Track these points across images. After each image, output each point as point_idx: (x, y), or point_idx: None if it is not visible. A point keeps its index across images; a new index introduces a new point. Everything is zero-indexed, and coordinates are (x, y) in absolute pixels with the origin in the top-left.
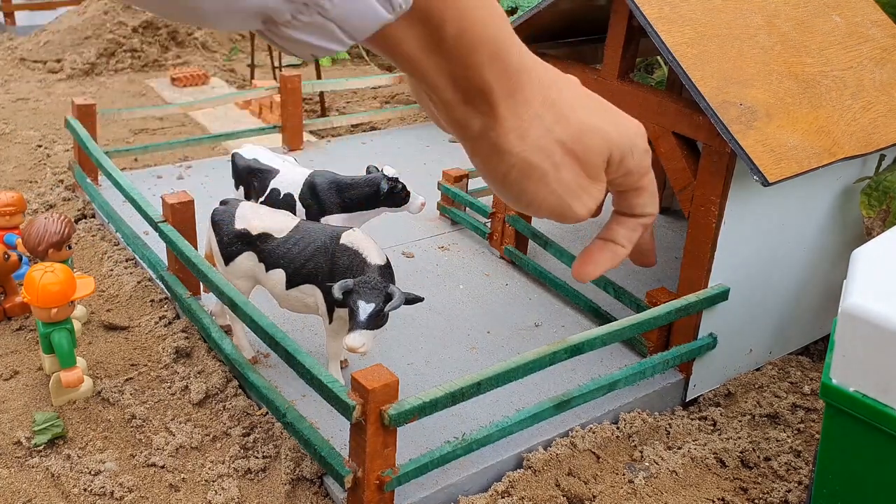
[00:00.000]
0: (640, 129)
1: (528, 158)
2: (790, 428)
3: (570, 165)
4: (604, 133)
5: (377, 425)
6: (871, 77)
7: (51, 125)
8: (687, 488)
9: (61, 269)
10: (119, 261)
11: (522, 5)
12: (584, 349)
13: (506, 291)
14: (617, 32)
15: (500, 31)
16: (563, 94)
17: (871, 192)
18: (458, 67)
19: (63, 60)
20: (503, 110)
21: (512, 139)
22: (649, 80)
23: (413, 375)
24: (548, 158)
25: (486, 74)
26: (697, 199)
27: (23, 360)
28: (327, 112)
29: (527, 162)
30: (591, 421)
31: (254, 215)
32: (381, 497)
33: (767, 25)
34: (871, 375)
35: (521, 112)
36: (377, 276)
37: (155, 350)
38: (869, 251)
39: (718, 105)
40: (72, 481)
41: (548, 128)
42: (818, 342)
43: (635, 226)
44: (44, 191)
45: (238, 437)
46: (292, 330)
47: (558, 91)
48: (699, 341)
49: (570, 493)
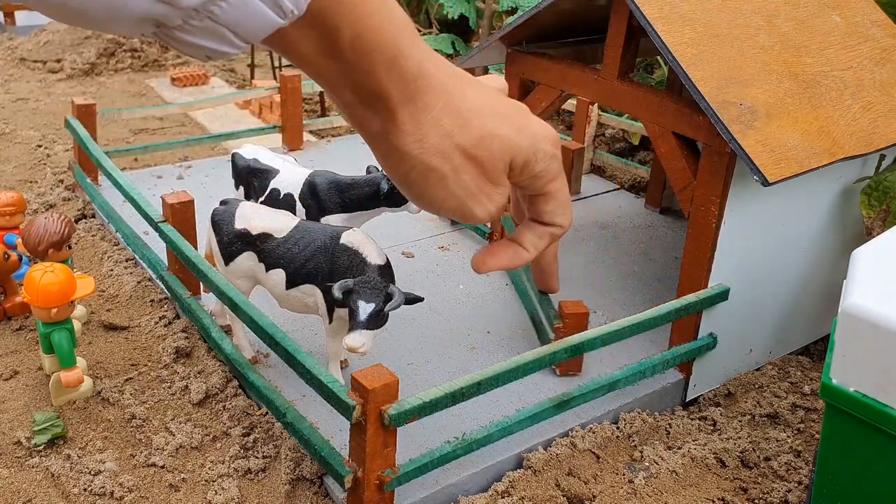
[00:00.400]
0: (547, 134)
1: (426, 162)
2: (790, 428)
3: (470, 170)
4: (505, 138)
5: (377, 425)
6: (871, 77)
7: (51, 125)
8: (687, 488)
9: (61, 269)
10: (119, 261)
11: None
12: (584, 349)
13: (506, 291)
14: (617, 32)
15: (398, 39)
16: (466, 100)
17: (871, 192)
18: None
19: (63, 60)
20: (402, 115)
21: (410, 143)
22: (649, 80)
23: (413, 375)
24: (447, 162)
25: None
26: (697, 199)
27: (23, 360)
28: (327, 112)
29: (425, 165)
30: (591, 421)
31: (254, 215)
32: (381, 497)
33: (767, 25)
34: (871, 375)
35: (421, 117)
36: (377, 276)
37: (155, 350)
38: (869, 251)
39: (718, 105)
40: (72, 481)
41: (448, 133)
42: (818, 342)
43: (543, 233)
44: (44, 191)
45: (238, 437)
46: (292, 330)
47: (461, 97)
48: (699, 341)
49: (570, 493)
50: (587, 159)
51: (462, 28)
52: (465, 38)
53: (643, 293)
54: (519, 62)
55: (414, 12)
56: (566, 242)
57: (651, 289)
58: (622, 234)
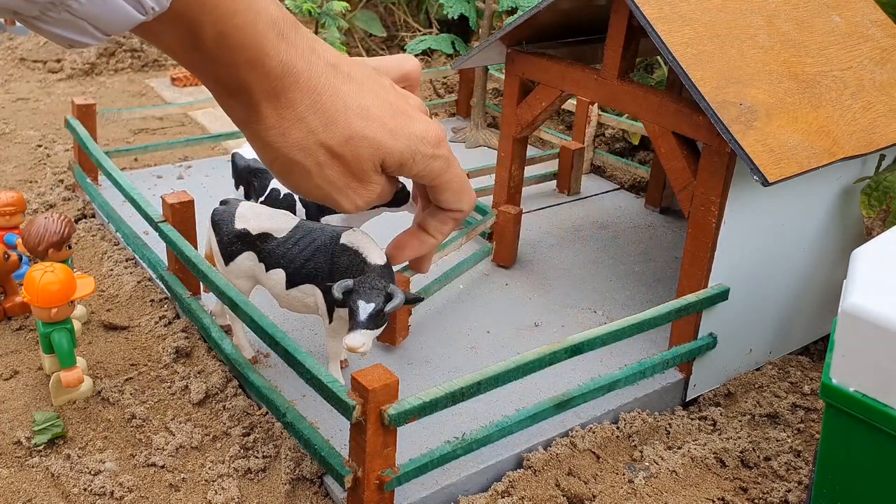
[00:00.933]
0: (426, 136)
1: (288, 155)
2: (790, 428)
3: (335, 167)
4: (374, 142)
5: (377, 425)
6: (871, 77)
7: (51, 125)
8: (687, 488)
9: (61, 269)
10: (119, 261)
11: (522, 5)
12: (584, 349)
13: (506, 291)
14: (617, 32)
15: (262, 39)
16: (337, 99)
17: (871, 192)
18: (217, 66)
19: (63, 60)
20: (265, 109)
21: (273, 135)
22: (649, 80)
23: (413, 375)
24: (310, 157)
25: (245, 76)
26: (697, 199)
27: (23, 360)
28: None
29: (287, 158)
30: (591, 421)
31: (254, 215)
32: (381, 497)
33: (767, 25)
34: (871, 375)
35: (284, 113)
36: (377, 276)
37: (155, 350)
38: (869, 251)
39: (718, 105)
40: (72, 481)
41: (312, 130)
42: (818, 342)
43: (445, 219)
44: (44, 191)
45: (238, 437)
46: (292, 330)
47: (332, 96)
48: (699, 341)
49: (570, 493)
50: (587, 159)
51: (462, 28)
52: (465, 38)
53: (643, 293)
54: (519, 62)
55: (414, 12)
56: (566, 242)
57: (651, 289)
58: (622, 234)
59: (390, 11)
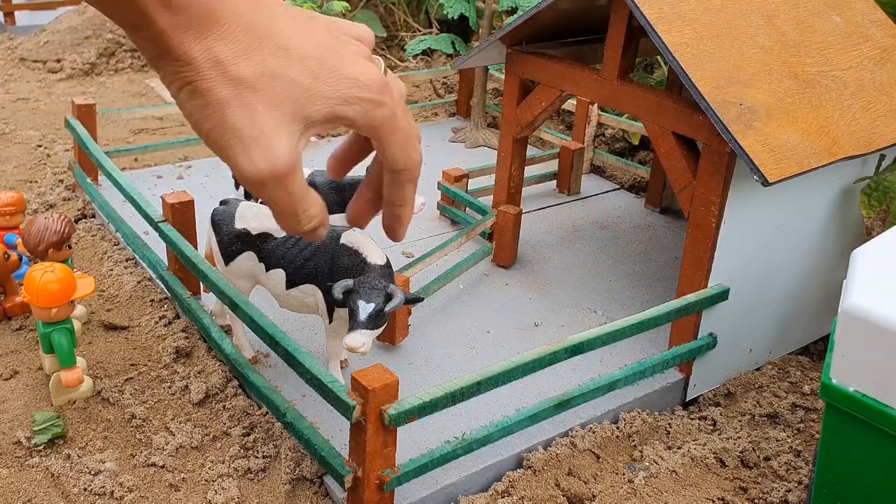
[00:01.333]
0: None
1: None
2: (790, 428)
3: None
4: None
5: (377, 425)
6: (871, 77)
7: (51, 125)
8: (687, 488)
9: (61, 269)
10: (119, 261)
11: (522, 5)
12: (584, 349)
13: (506, 291)
14: (617, 32)
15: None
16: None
17: (871, 192)
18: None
19: (63, 60)
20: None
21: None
22: (649, 80)
23: (413, 375)
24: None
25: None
26: (697, 199)
27: (23, 360)
28: None
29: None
30: (591, 421)
31: (254, 215)
32: (381, 497)
33: (767, 25)
34: (871, 375)
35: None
36: (377, 276)
37: (155, 350)
38: (869, 251)
39: (718, 105)
40: (72, 481)
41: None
42: (818, 342)
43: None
44: (44, 191)
45: (238, 437)
46: (292, 330)
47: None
48: (699, 341)
49: (570, 493)
50: (587, 159)
51: (462, 28)
52: (465, 38)
53: (643, 293)
54: (519, 62)
55: (414, 12)
56: (566, 242)
57: (651, 289)
58: (622, 234)
59: (390, 11)
